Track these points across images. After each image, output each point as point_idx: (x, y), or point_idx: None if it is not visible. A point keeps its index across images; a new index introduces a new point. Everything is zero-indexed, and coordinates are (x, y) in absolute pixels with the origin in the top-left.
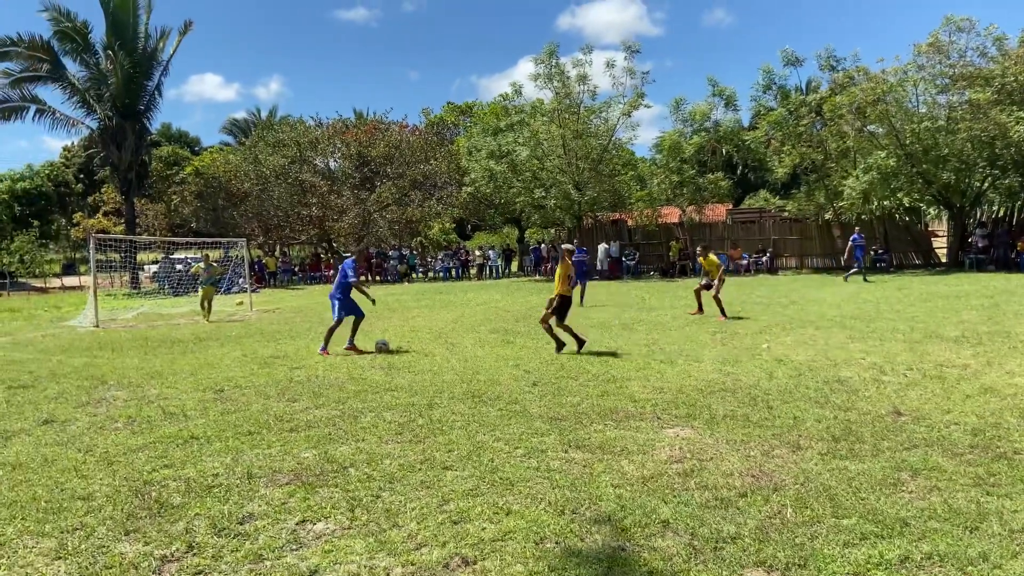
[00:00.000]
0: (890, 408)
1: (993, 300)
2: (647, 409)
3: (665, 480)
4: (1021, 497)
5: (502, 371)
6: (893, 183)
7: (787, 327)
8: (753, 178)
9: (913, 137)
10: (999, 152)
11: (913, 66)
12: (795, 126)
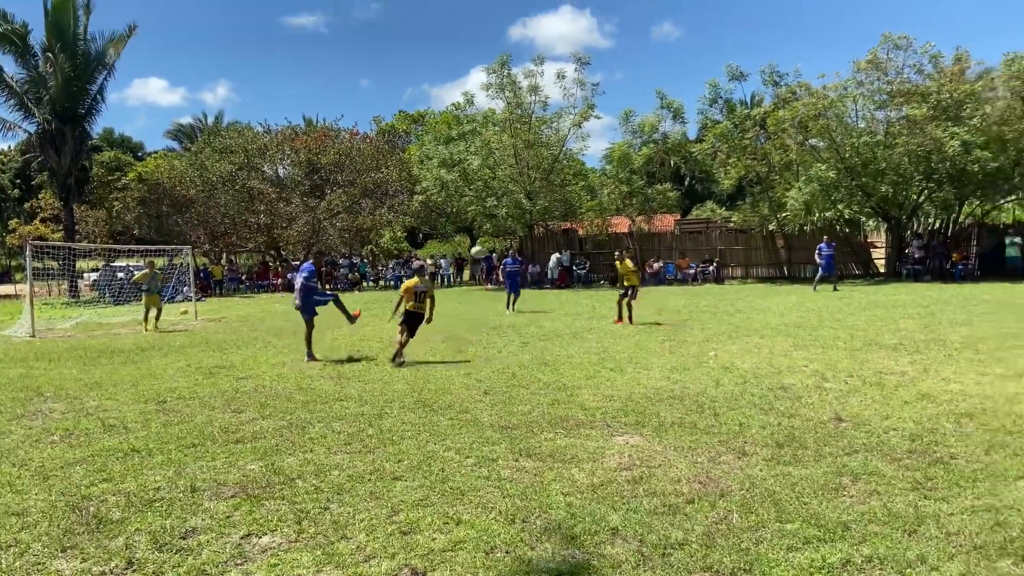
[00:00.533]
0: (832, 414)
1: (929, 309)
2: (597, 417)
3: (615, 487)
4: (957, 500)
5: (453, 380)
6: (834, 195)
7: (733, 335)
8: (700, 189)
9: (853, 151)
10: (935, 166)
11: (853, 82)
12: (740, 139)
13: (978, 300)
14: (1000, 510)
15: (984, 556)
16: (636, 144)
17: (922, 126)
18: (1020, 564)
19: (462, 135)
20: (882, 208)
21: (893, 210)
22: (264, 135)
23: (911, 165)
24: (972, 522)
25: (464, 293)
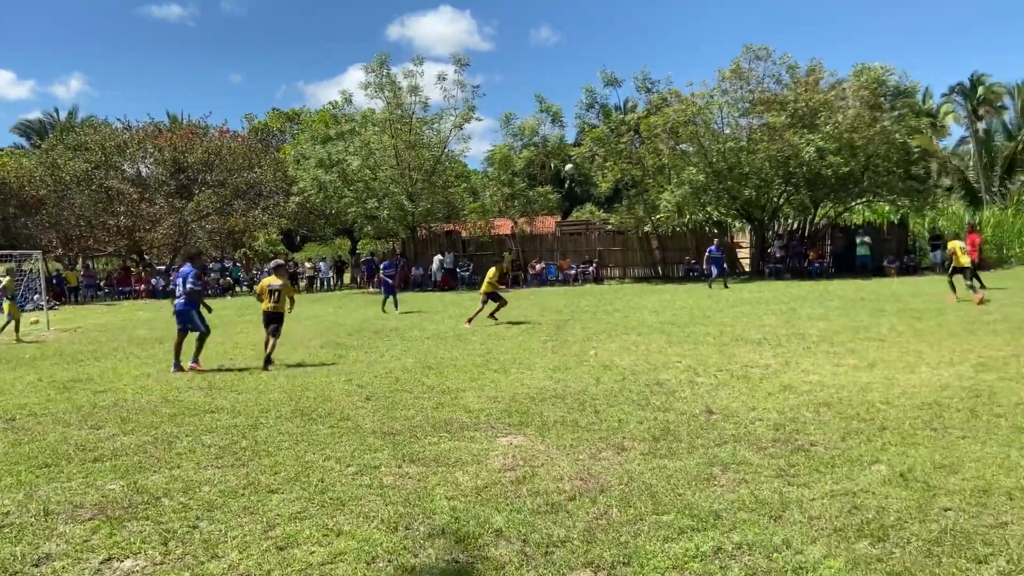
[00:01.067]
0: (703, 407)
1: (790, 305)
2: (481, 419)
3: (499, 489)
4: (818, 486)
5: (333, 386)
6: (703, 197)
7: (612, 334)
8: (579, 192)
9: (719, 156)
10: (793, 170)
11: (718, 90)
12: (616, 143)
13: (833, 296)
14: (856, 494)
15: (843, 538)
16: (517, 147)
17: (781, 133)
18: (876, 544)
19: (340, 135)
20: (746, 210)
21: (756, 212)
22: (124, 132)
23: (772, 169)
24: (832, 506)
25: (345, 297)
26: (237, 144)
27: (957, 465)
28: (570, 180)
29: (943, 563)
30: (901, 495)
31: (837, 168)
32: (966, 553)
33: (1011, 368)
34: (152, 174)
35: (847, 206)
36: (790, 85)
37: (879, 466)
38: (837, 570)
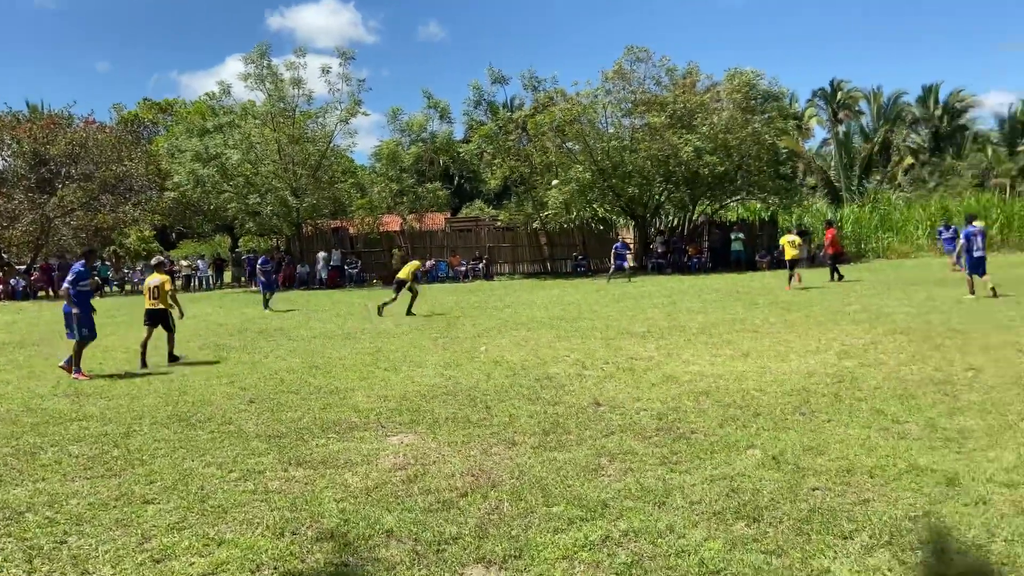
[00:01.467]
0: (591, 400)
1: (671, 299)
2: (371, 418)
3: (389, 488)
4: (698, 472)
5: (214, 390)
6: (589, 195)
7: (503, 329)
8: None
9: (604, 155)
10: (672, 169)
11: (602, 91)
12: (504, 140)
13: (710, 290)
14: (734, 478)
15: (722, 521)
16: (405, 142)
17: (661, 133)
18: (751, 525)
19: (219, 127)
20: (630, 207)
21: (639, 209)
22: None
23: (653, 168)
24: (711, 490)
25: (225, 296)
26: (105, 136)
27: (824, 447)
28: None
29: (812, 540)
30: (774, 477)
31: (713, 167)
32: (833, 530)
33: (870, 355)
34: (9, 167)
35: (723, 204)
36: (669, 87)
37: (754, 450)
38: (716, 551)
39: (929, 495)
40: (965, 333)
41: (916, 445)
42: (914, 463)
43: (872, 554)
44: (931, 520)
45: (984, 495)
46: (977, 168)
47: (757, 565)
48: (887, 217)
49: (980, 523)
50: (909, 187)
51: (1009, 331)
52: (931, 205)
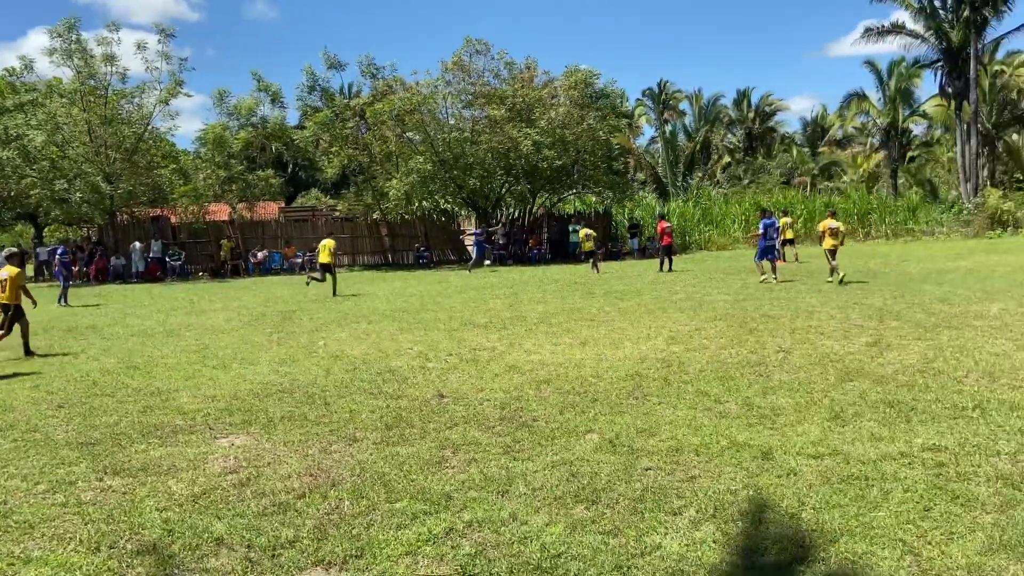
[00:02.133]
0: (435, 392)
1: (513, 290)
2: (198, 420)
3: (219, 494)
4: (540, 458)
5: (16, 394)
6: (431, 186)
7: (342, 323)
8: (305, 177)
9: (445, 146)
10: (513, 162)
11: (442, 81)
12: (341, 128)
13: (550, 280)
14: (573, 462)
15: (562, 505)
16: (233, 127)
17: (501, 126)
18: (590, 508)
19: (20, 106)
20: (472, 199)
21: (481, 201)
22: None
23: (494, 161)
24: (552, 476)
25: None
26: None
27: (655, 429)
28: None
29: (646, 518)
30: (610, 460)
31: (551, 161)
32: (664, 507)
33: (694, 340)
34: None
35: (561, 197)
36: (508, 80)
37: (592, 435)
38: (557, 535)
39: (748, 469)
40: (776, 318)
41: (736, 423)
42: (734, 440)
43: (699, 527)
44: (750, 492)
45: (794, 467)
46: (784, 167)
47: (595, 546)
48: (708, 211)
49: (792, 493)
50: (727, 184)
51: (812, 316)
52: (745, 201)
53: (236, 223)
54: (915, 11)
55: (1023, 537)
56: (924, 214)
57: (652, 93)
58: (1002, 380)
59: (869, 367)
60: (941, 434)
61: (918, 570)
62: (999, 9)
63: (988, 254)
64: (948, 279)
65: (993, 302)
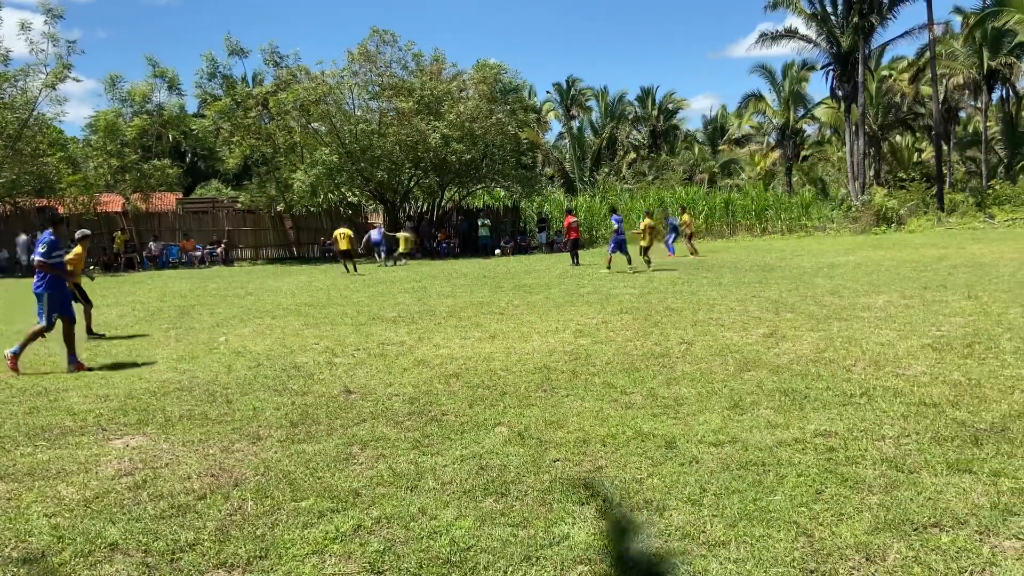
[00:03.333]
0: (342, 388)
1: (421, 284)
2: (90, 421)
3: (113, 497)
4: (449, 452)
5: None
6: (337, 178)
7: (245, 318)
8: (204, 167)
9: (352, 137)
10: (421, 155)
11: (348, 71)
12: (243, 118)
13: (459, 274)
14: (483, 456)
15: (472, 498)
16: (127, 114)
17: (409, 118)
18: (499, 500)
19: None
20: (379, 192)
21: (389, 194)
22: None
23: (402, 153)
24: (462, 470)
25: None
26: None
27: (563, 420)
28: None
29: (554, 509)
30: (519, 452)
31: (460, 155)
32: (572, 497)
33: (601, 333)
34: None
35: (470, 190)
36: (416, 72)
37: (501, 428)
38: (467, 529)
39: (652, 458)
40: (679, 311)
41: (641, 413)
42: (639, 430)
43: (605, 517)
44: (654, 481)
45: (696, 455)
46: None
47: (504, 538)
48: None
49: (694, 480)
50: (632, 179)
51: (713, 309)
52: (650, 196)
53: (130, 215)
54: (807, 17)
55: (906, 516)
56: (816, 211)
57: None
58: (887, 368)
59: (766, 357)
60: (832, 420)
61: (811, 550)
62: (884, 16)
63: (874, 249)
64: (838, 273)
65: (879, 294)
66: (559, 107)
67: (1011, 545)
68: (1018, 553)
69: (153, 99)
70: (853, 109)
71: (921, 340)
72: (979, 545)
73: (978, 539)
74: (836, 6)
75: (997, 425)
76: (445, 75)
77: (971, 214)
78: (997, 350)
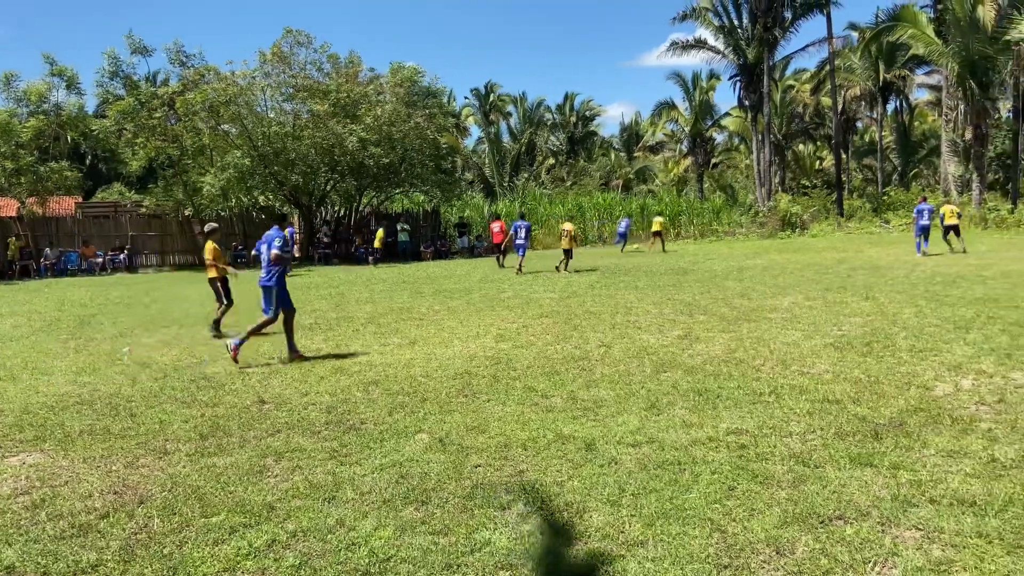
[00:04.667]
0: (255, 398)
1: (339, 290)
2: None
3: (9, 518)
4: (368, 462)
5: None
6: (249, 182)
7: (150, 328)
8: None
9: (265, 140)
10: (338, 159)
11: (261, 72)
12: (148, 118)
13: (378, 280)
14: (403, 464)
15: (392, 508)
16: (22, 114)
17: (325, 121)
18: (420, 508)
19: None
20: (294, 196)
21: (304, 198)
22: None
23: (318, 157)
24: (381, 479)
25: None
26: None
27: (484, 425)
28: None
29: (475, 515)
30: (440, 459)
31: (378, 159)
32: (493, 503)
33: (522, 337)
34: None
35: (389, 195)
36: (331, 75)
37: (422, 435)
38: (386, 539)
39: (572, 460)
40: (597, 314)
41: (561, 416)
42: (560, 433)
43: (527, 521)
44: (575, 483)
45: (615, 456)
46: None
47: (425, 547)
48: (533, 211)
49: (613, 481)
50: (551, 185)
51: (630, 312)
52: (568, 201)
53: (25, 220)
54: (715, 29)
55: (813, 510)
56: (726, 216)
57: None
58: (793, 367)
59: (681, 358)
60: (743, 418)
61: (724, 546)
62: (787, 30)
63: (780, 253)
64: (747, 276)
65: (785, 296)
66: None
67: (911, 535)
68: (917, 543)
69: (51, 99)
70: (759, 118)
71: (824, 340)
72: (881, 536)
73: (880, 530)
74: (742, 19)
75: (895, 420)
76: (362, 78)
77: (868, 219)
78: (894, 348)
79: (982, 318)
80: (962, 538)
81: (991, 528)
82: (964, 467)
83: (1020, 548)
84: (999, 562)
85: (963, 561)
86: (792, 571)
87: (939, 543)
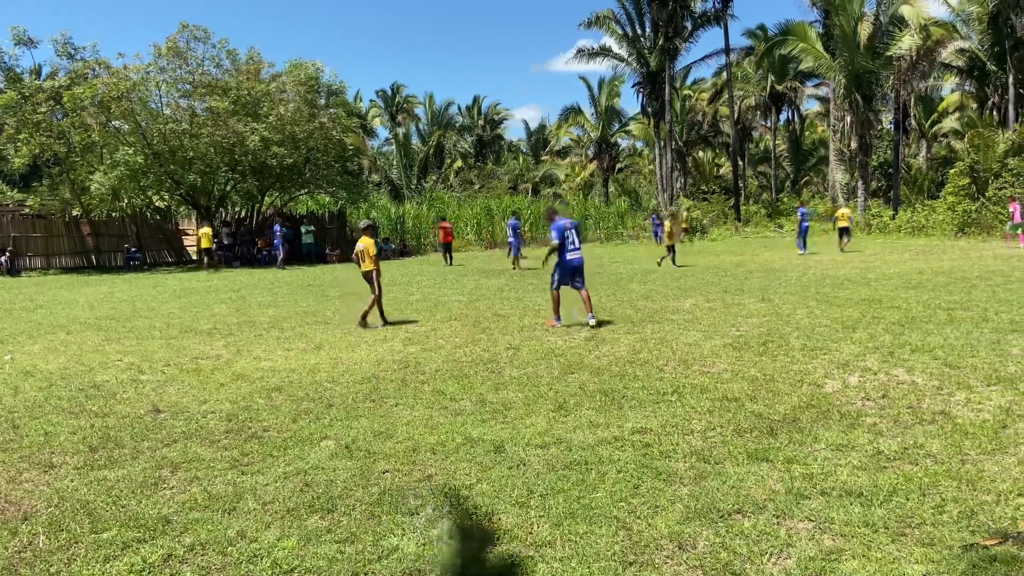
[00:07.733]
0: (150, 407)
1: (240, 293)
2: None
3: None
4: (271, 471)
5: None
6: (143, 181)
7: (34, 334)
8: None
9: (160, 137)
10: (238, 158)
11: (155, 67)
12: (32, 113)
13: (282, 283)
14: (308, 471)
15: (296, 517)
16: None
17: (225, 119)
18: (326, 517)
19: None
20: (192, 196)
21: (202, 198)
22: None
23: (217, 156)
24: (285, 488)
25: None
26: None
27: (392, 431)
28: None
29: (383, 521)
30: (347, 466)
31: (282, 159)
32: (401, 508)
33: (431, 340)
34: None
35: (292, 196)
36: (231, 71)
37: (327, 442)
38: (290, 549)
39: (481, 463)
40: (506, 317)
41: (470, 420)
42: (469, 436)
43: (436, 525)
44: (483, 486)
45: (524, 458)
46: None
47: (331, 556)
48: (442, 214)
49: (522, 483)
50: (460, 187)
51: (538, 315)
52: (477, 205)
53: None
54: (619, 37)
55: (713, 505)
56: (631, 220)
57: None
58: (694, 367)
59: (587, 360)
60: (647, 417)
61: (630, 543)
62: (687, 40)
63: (682, 256)
64: (650, 279)
65: (686, 298)
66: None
67: (804, 527)
68: (810, 533)
69: None
70: (661, 125)
71: (723, 340)
72: (777, 528)
73: (776, 522)
74: (644, 28)
75: (789, 416)
76: (264, 75)
77: (763, 224)
78: (787, 347)
79: (867, 318)
80: (851, 528)
81: (877, 518)
82: (852, 460)
83: (904, 536)
84: (885, 550)
85: (852, 550)
86: (694, 565)
87: (830, 533)
